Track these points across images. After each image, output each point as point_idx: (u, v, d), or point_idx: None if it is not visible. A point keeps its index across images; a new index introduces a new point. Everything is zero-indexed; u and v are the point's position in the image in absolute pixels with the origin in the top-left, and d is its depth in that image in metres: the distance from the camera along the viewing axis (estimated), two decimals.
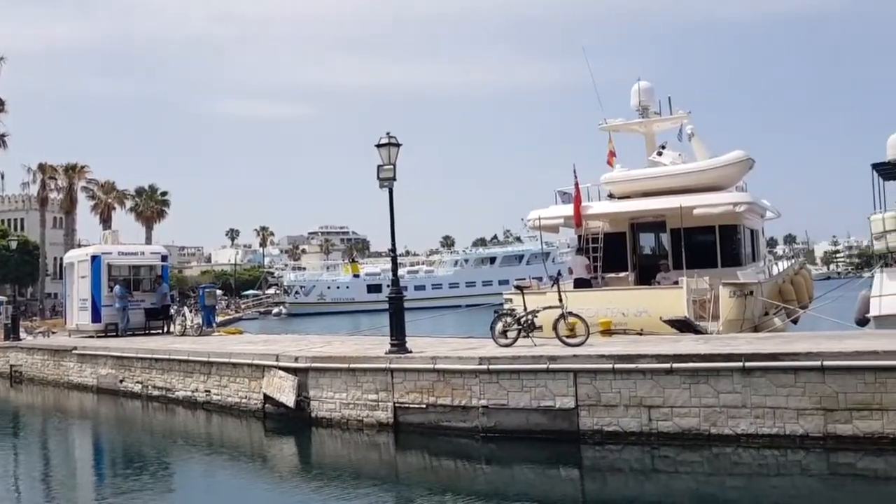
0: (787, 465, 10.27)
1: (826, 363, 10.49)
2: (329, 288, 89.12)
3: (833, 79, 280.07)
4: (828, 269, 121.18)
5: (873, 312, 16.23)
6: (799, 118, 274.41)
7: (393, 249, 15.19)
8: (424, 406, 12.73)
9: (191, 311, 24.26)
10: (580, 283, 18.82)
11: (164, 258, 26.97)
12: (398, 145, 14.49)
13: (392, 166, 14.42)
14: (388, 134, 14.51)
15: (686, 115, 21.34)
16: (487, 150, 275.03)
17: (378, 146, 14.46)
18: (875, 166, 17.82)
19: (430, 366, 12.76)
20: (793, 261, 27.58)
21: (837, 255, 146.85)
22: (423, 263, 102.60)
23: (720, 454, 10.67)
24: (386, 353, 13.55)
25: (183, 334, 23.06)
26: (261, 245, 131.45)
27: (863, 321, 16.97)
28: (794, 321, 19.17)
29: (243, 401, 15.53)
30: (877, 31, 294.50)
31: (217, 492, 11.14)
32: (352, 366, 13.56)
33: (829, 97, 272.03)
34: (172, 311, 24.97)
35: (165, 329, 24.58)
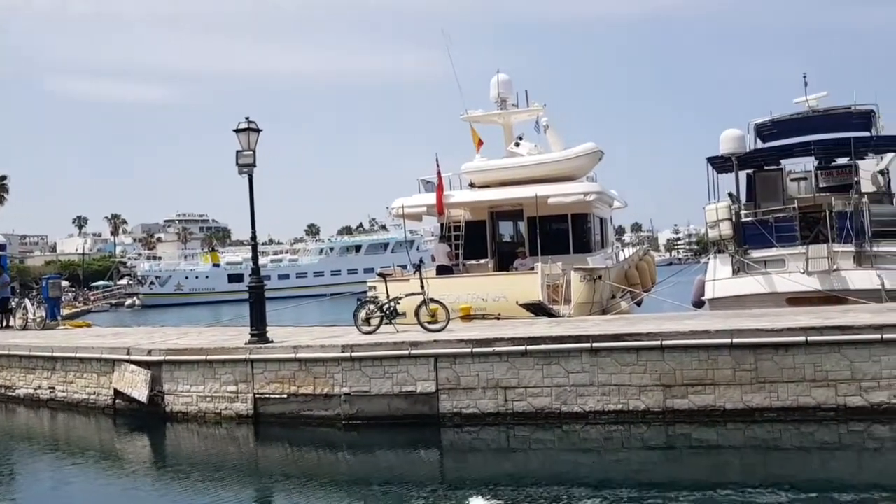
0: (630, 439, 11.00)
1: (665, 343, 11.30)
2: (187, 278, 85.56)
3: (675, 77, 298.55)
4: (670, 255, 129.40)
5: (708, 295, 17.59)
6: (646, 114, 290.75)
7: (253, 237, 14.86)
8: (286, 396, 12.61)
9: (33, 304, 22.68)
10: (442, 270, 19.20)
11: (1, 247, 25.02)
12: (258, 130, 14.20)
13: (252, 152, 14.12)
14: (247, 119, 14.18)
15: (542, 108, 22.13)
16: (355, 138, 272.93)
17: (237, 131, 14.10)
18: (710, 160, 19.24)
19: (292, 355, 12.64)
20: (638, 247, 29.38)
21: (678, 242, 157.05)
22: (287, 252, 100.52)
23: (570, 431, 11.28)
24: (246, 344, 13.29)
25: (24, 328, 21.54)
26: (112, 233, 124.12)
27: (699, 303, 18.37)
28: (639, 304, 20.48)
29: (92, 397, 14.74)
30: (715, 34, 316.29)
31: (64, 494, 10.55)
32: (209, 357, 13.19)
33: (672, 94, 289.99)
34: (13, 303, 23.24)
35: (5, 323, 22.83)
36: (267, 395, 12.73)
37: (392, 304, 13.95)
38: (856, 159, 18.92)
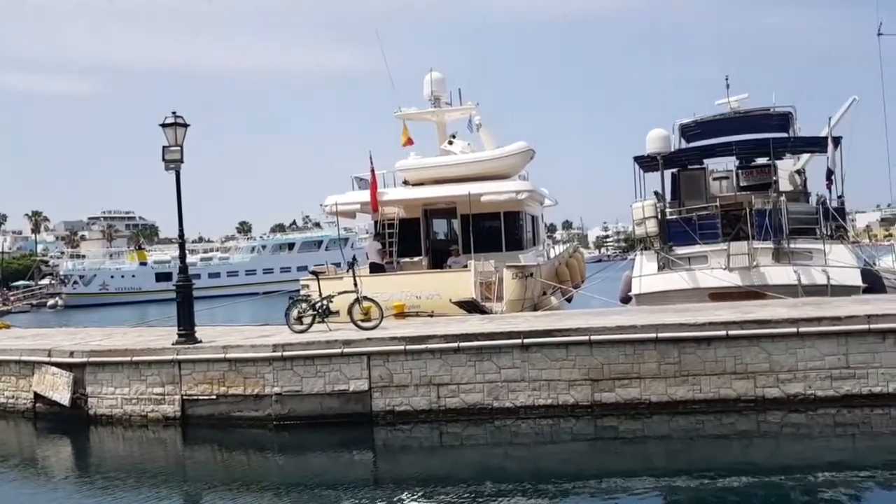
0: (560, 433, 11.23)
1: (593, 338, 11.56)
2: (113, 277, 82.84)
3: (605, 77, 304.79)
4: (599, 252, 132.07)
5: (634, 291, 18.06)
6: (577, 113, 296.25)
7: (181, 235, 14.52)
8: (215, 397, 12.39)
9: None
10: (375, 268, 19.18)
11: None
12: (185, 125, 13.88)
13: (179, 148, 13.79)
14: (174, 113, 13.85)
15: (474, 107, 22.30)
16: (288, 134, 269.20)
17: (163, 126, 13.76)
18: (636, 159, 19.75)
19: (221, 355, 12.42)
20: (568, 245, 29.93)
21: (607, 240, 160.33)
22: (218, 250, 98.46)
23: (502, 426, 11.43)
24: (173, 345, 12.99)
25: None
26: (33, 231, 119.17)
27: (626, 299, 18.84)
28: (569, 300, 20.87)
29: (10, 401, 14.16)
30: (644, 36, 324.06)
31: None
32: (135, 359, 12.84)
33: (602, 95, 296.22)
34: None
35: None
36: (195, 397, 12.48)
37: (325, 302, 13.85)
38: (774, 159, 19.70)
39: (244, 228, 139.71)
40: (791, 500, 8.40)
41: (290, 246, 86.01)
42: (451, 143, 21.77)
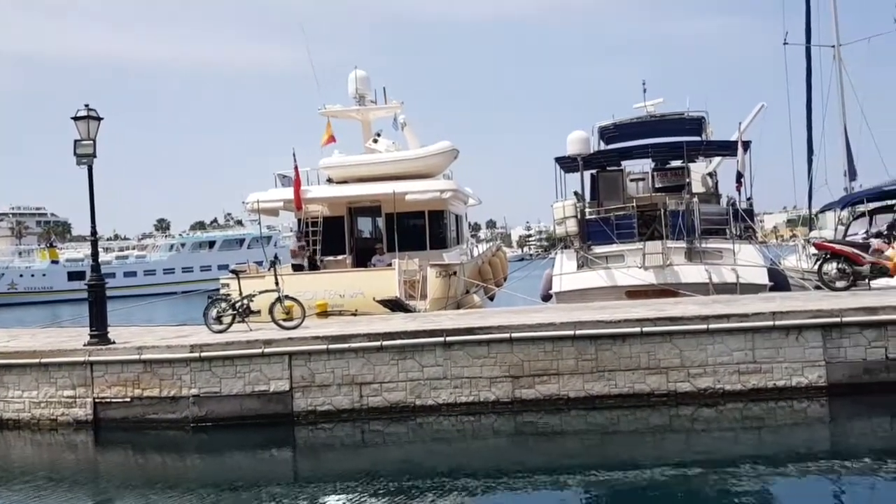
0: (481, 429, 11.37)
1: (514, 335, 11.76)
2: (22, 276, 79.10)
3: (530, 78, 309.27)
4: (522, 251, 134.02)
5: (555, 289, 18.44)
6: (501, 114, 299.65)
7: (93, 232, 14.03)
8: (129, 399, 12.04)
9: None
10: (299, 267, 19.02)
11: None
12: (98, 119, 13.43)
13: (91, 142, 13.34)
14: (86, 106, 13.39)
15: (399, 105, 22.33)
16: (210, 129, 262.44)
17: (75, 119, 13.29)
18: (558, 160, 20.17)
19: (136, 356, 12.08)
20: (491, 243, 30.31)
21: (530, 239, 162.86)
22: (134, 248, 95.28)
23: (424, 424, 11.50)
24: (85, 346, 12.56)
25: None
26: None
27: (547, 297, 19.23)
28: (491, 298, 21.16)
29: None
30: (568, 40, 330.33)
31: None
32: (44, 360, 12.33)
33: (526, 96, 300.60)
34: None
35: None
36: (108, 399, 12.10)
37: (245, 301, 13.64)
38: (688, 162, 20.46)
39: (162, 226, 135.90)
40: (702, 491, 8.74)
41: (211, 244, 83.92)
42: (375, 141, 21.75)
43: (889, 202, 21.22)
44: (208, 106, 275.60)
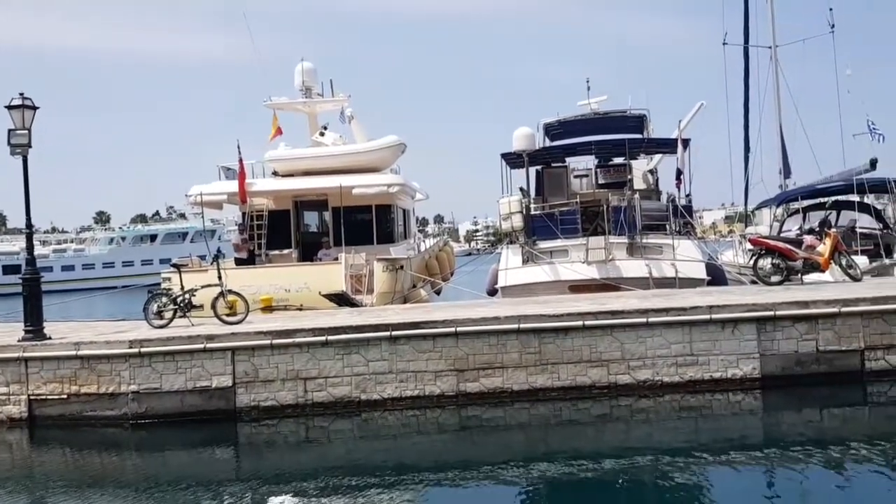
0: (426, 423, 11.43)
1: (459, 329, 11.85)
2: None
3: (476, 74, 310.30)
4: (469, 245, 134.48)
5: (500, 284, 18.63)
6: (449, 109, 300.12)
7: (28, 225, 13.63)
8: (66, 396, 11.75)
9: None
10: (242, 261, 18.82)
11: None
12: (34, 108, 13.04)
13: (27, 131, 12.96)
14: (21, 95, 12.98)
15: (346, 99, 22.26)
16: (152, 120, 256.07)
17: (9, 108, 12.88)
18: (503, 156, 20.34)
19: (73, 352, 11.79)
20: (438, 238, 30.43)
21: (477, 234, 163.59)
22: (72, 241, 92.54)
23: (369, 419, 11.51)
24: (19, 342, 12.19)
25: None
26: None
27: (493, 291, 19.41)
28: (438, 292, 21.26)
29: None
30: (516, 37, 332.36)
31: None
32: None
33: (473, 91, 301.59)
34: None
35: None
36: (44, 396, 11.78)
37: (187, 296, 13.43)
38: (629, 159, 20.86)
39: (102, 219, 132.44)
40: (640, 479, 8.97)
41: (153, 238, 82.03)
42: (322, 134, 21.64)
43: (822, 200, 22.02)
44: (148, 95, 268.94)
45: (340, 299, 16.35)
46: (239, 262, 18.80)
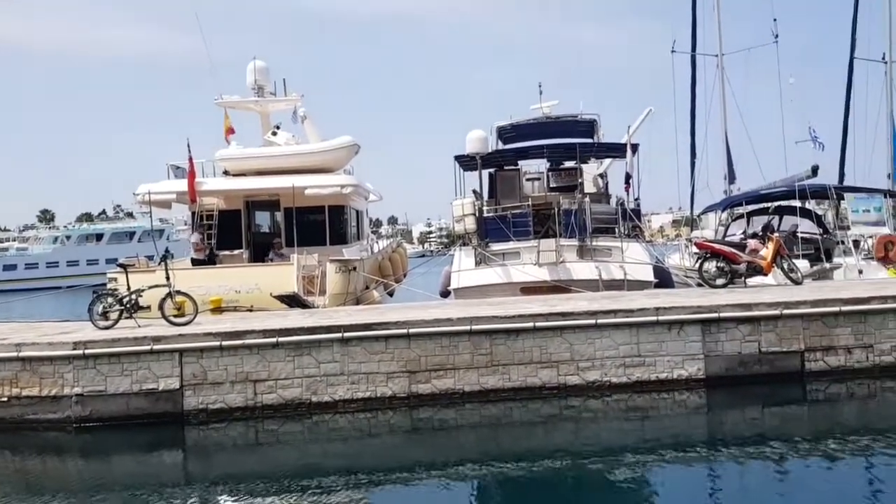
0: (378, 425, 11.42)
1: (412, 331, 11.86)
2: None
3: (432, 77, 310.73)
4: (423, 247, 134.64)
5: (453, 285, 18.71)
6: (404, 111, 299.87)
7: None
8: (6, 399, 11.41)
9: None
10: (200, 261, 18.59)
11: None
12: None
13: None
14: None
15: (299, 98, 22.11)
16: (100, 118, 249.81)
17: None
18: (457, 158, 20.44)
19: (14, 354, 11.46)
20: (391, 240, 30.42)
21: (431, 235, 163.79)
22: (15, 240, 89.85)
23: (320, 421, 11.45)
24: None
25: None
26: None
27: (445, 293, 19.48)
28: (391, 294, 21.24)
29: None
30: (471, 40, 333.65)
31: None
32: None
33: (428, 94, 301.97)
34: None
35: None
36: None
37: (133, 296, 13.17)
38: (580, 163, 21.16)
39: (46, 217, 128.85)
40: (588, 478, 9.11)
41: (99, 237, 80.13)
42: (274, 134, 21.45)
43: (765, 205, 22.64)
44: (97, 91, 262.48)
45: (292, 301, 16.22)
46: (197, 263, 18.56)
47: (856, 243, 19.26)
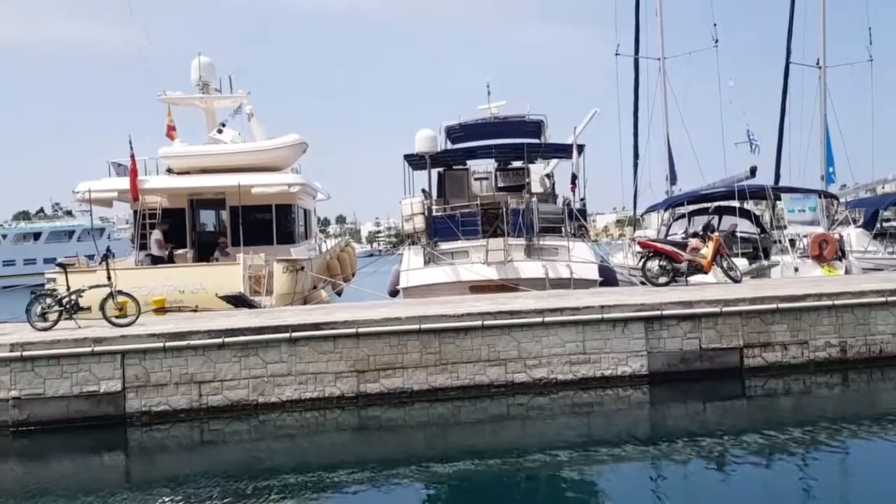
0: (325, 424, 11.38)
1: (360, 330, 11.86)
2: None
3: (381, 76, 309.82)
4: (371, 246, 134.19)
5: (402, 284, 18.74)
6: (353, 110, 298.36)
7: None
8: None
9: None
10: (160, 259, 18.27)
11: None
12: None
13: None
14: None
15: (246, 96, 21.85)
16: (36, 113, 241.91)
17: None
18: (406, 157, 20.47)
19: None
20: (339, 239, 30.28)
21: (379, 235, 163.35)
22: None
23: (267, 421, 11.35)
24: None
25: None
26: None
27: (394, 292, 19.50)
28: (339, 293, 21.16)
29: None
30: (419, 39, 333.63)
31: None
32: None
33: (377, 93, 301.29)
34: None
35: None
36: None
37: (73, 297, 12.85)
38: (528, 163, 21.40)
39: None
40: (535, 474, 9.23)
41: (36, 236, 77.64)
42: (220, 131, 21.15)
43: (705, 205, 23.25)
44: (31, 86, 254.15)
45: (238, 300, 16.03)
46: (156, 260, 18.23)
47: (792, 242, 19.93)
